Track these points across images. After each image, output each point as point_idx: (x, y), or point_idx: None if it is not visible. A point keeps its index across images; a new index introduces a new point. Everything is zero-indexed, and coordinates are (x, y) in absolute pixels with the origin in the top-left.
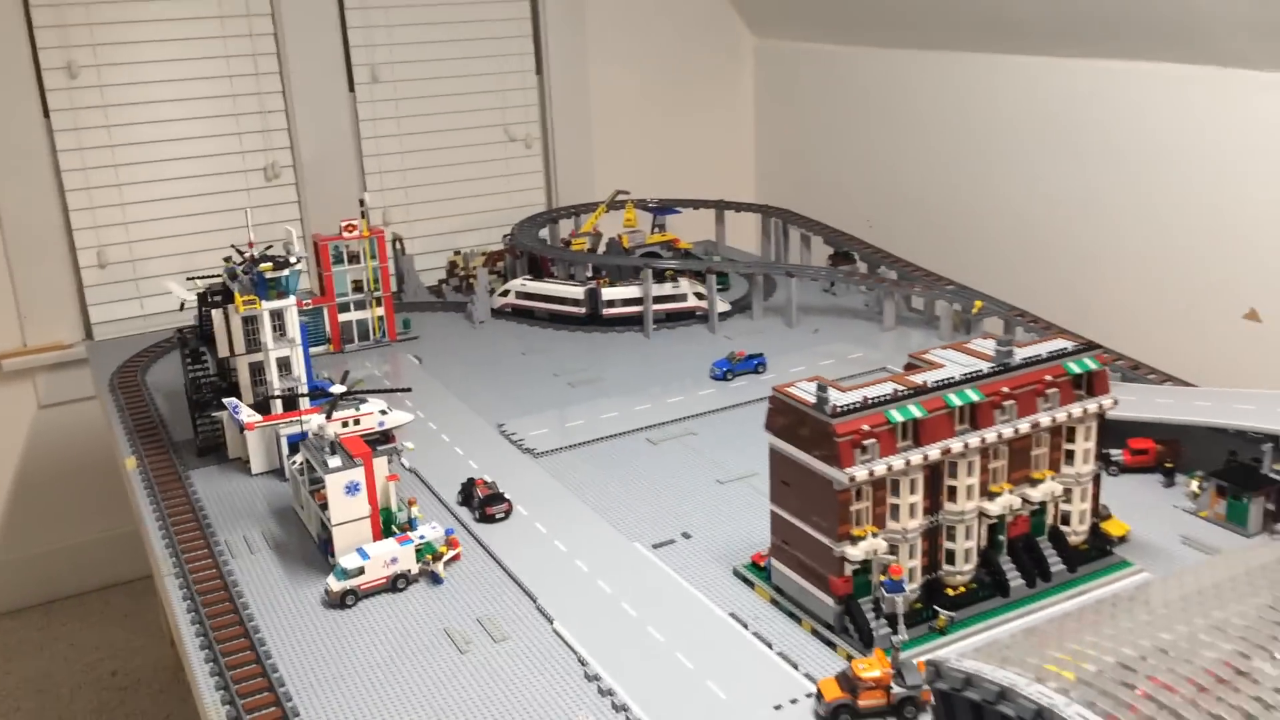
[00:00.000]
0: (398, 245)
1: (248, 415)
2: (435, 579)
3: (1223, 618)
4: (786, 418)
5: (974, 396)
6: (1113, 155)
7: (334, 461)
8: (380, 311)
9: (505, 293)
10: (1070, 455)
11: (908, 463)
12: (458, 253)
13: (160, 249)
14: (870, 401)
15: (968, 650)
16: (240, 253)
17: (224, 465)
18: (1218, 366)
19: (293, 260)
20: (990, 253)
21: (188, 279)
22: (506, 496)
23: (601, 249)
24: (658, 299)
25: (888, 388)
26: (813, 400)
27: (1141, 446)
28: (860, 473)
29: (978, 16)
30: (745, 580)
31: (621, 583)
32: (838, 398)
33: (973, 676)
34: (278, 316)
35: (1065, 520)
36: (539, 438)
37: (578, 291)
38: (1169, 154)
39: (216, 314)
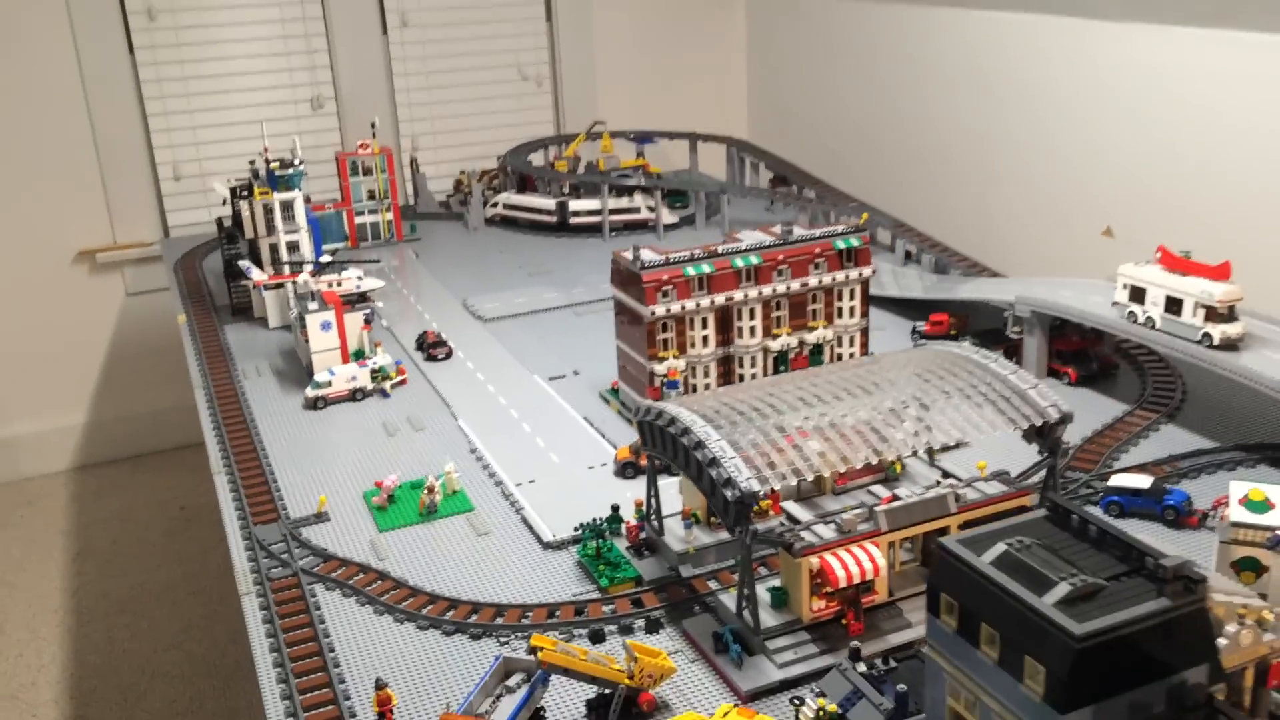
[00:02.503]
0: (414, 165)
1: (258, 274)
2: (384, 394)
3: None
4: (620, 274)
5: (754, 260)
6: (1016, 98)
7: (313, 306)
8: (389, 216)
9: (495, 204)
10: (841, 311)
11: (699, 305)
12: (463, 172)
13: (224, 166)
14: (672, 260)
15: (669, 400)
16: (264, 160)
17: (250, 322)
18: (1080, 271)
19: (296, 163)
20: (921, 180)
21: (226, 181)
22: (448, 342)
23: (581, 171)
24: (614, 211)
25: (699, 256)
26: (632, 259)
27: (938, 319)
28: (660, 309)
29: None
30: (605, 400)
31: (515, 399)
32: (648, 256)
33: (653, 409)
34: (288, 207)
35: (839, 360)
36: (490, 309)
37: (550, 204)
38: (1058, 96)
39: (244, 204)
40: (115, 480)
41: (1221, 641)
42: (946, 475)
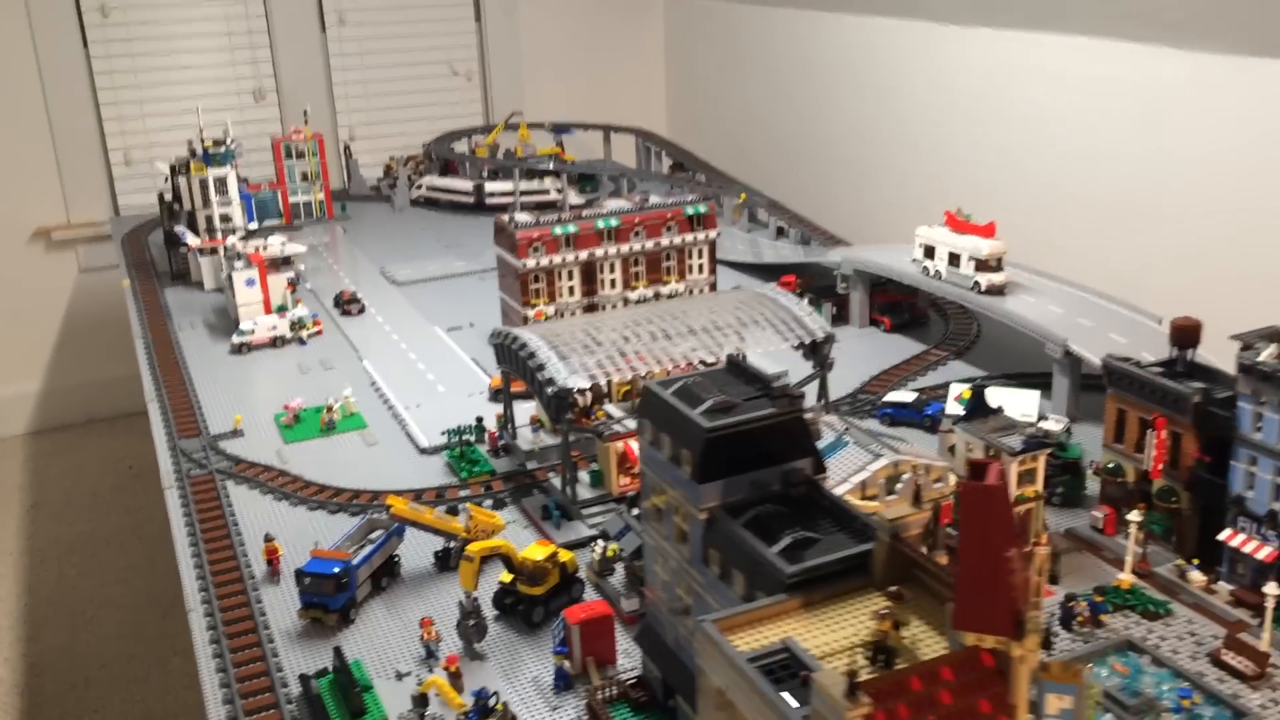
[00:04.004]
0: (348, 151)
1: (192, 239)
2: (301, 341)
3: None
4: (500, 234)
5: (614, 223)
6: (883, 95)
7: (239, 265)
8: (320, 196)
9: (419, 187)
10: (691, 268)
11: (564, 260)
12: (392, 158)
13: (171, 152)
14: (543, 222)
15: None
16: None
17: (189, 285)
18: None
19: (229, 143)
20: (807, 166)
21: (168, 162)
22: (361, 300)
23: (500, 157)
24: (526, 193)
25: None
26: (510, 222)
27: (787, 279)
28: (531, 263)
29: None
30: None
31: (414, 345)
32: (522, 219)
33: (504, 331)
34: (221, 181)
35: None
36: (405, 274)
37: (468, 185)
38: (914, 94)
39: (182, 180)
40: (69, 443)
41: (900, 485)
42: None
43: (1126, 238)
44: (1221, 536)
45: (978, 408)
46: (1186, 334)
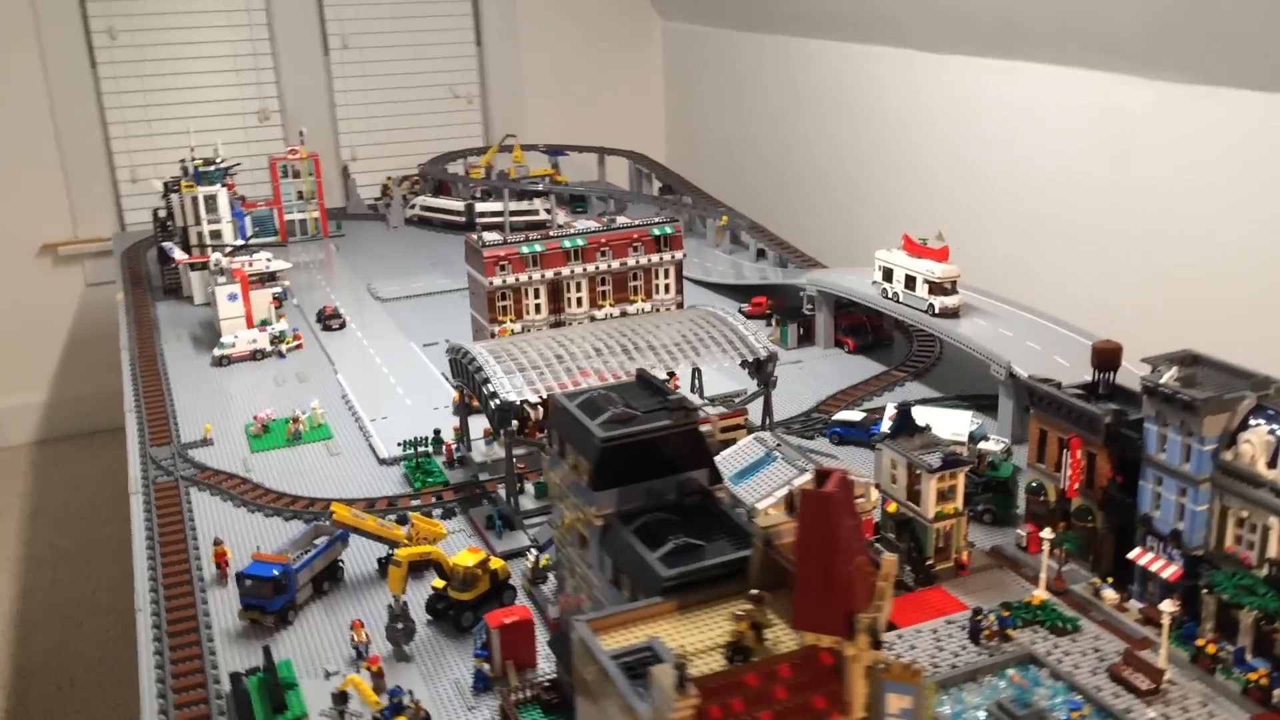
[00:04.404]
0: (346, 172)
1: (179, 254)
2: (280, 355)
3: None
4: (472, 254)
5: (580, 243)
6: (868, 121)
7: (222, 280)
8: (316, 214)
9: (413, 206)
10: (658, 288)
11: (531, 278)
12: (389, 178)
13: (176, 171)
14: (510, 241)
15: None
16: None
17: (180, 300)
18: None
19: (219, 162)
20: (797, 194)
21: (162, 179)
22: (343, 315)
23: (494, 178)
24: (516, 213)
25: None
26: (478, 240)
27: (758, 300)
28: (498, 281)
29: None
30: None
31: (389, 359)
32: (490, 239)
33: (457, 347)
34: (211, 199)
35: None
36: (389, 291)
37: (459, 205)
38: (898, 120)
39: (174, 197)
40: (71, 453)
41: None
42: (710, 402)
43: (1095, 264)
44: (1131, 555)
45: (903, 426)
46: (1106, 357)
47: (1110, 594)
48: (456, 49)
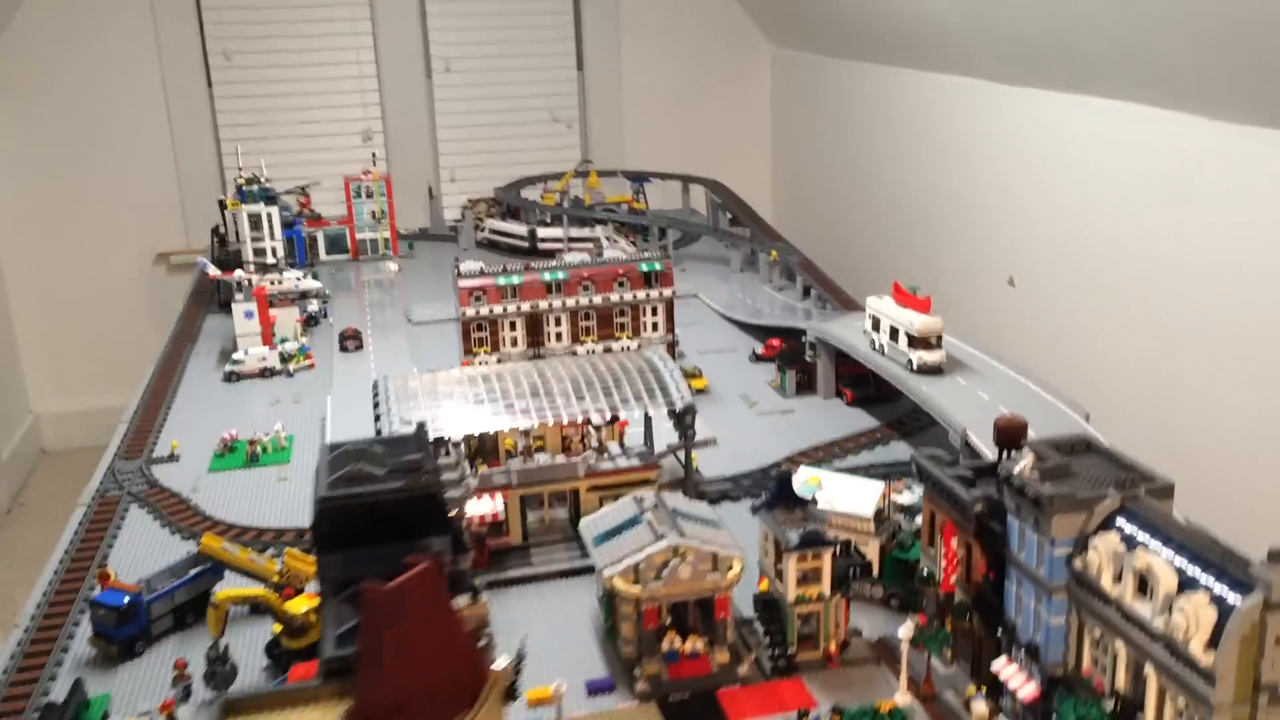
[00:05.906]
0: (430, 193)
1: (212, 270)
2: (288, 374)
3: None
4: (454, 283)
5: (561, 275)
6: (956, 160)
7: (239, 297)
8: (387, 234)
9: (482, 230)
10: (646, 325)
11: (506, 310)
12: (470, 201)
13: (283, 186)
14: (487, 273)
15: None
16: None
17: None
18: (982, 317)
19: (264, 181)
20: (877, 227)
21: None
22: (360, 337)
23: (566, 204)
24: (574, 239)
25: (513, 269)
26: (457, 273)
27: (773, 343)
28: (471, 312)
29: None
30: None
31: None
32: (468, 268)
33: (379, 381)
34: (255, 217)
35: None
36: (423, 314)
37: (523, 230)
38: (987, 159)
39: (227, 213)
40: None
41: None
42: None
43: (1152, 322)
44: (994, 666)
45: (780, 496)
46: (1008, 433)
47: (981, 708)
48: (558, 73)
